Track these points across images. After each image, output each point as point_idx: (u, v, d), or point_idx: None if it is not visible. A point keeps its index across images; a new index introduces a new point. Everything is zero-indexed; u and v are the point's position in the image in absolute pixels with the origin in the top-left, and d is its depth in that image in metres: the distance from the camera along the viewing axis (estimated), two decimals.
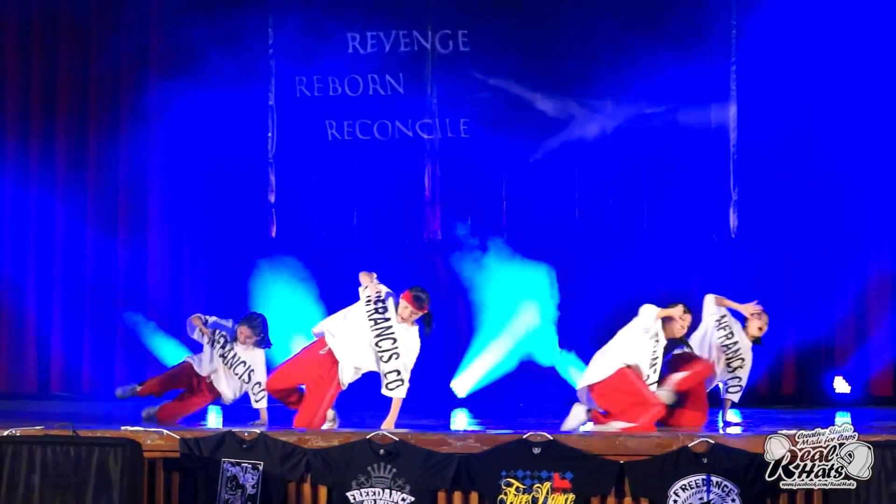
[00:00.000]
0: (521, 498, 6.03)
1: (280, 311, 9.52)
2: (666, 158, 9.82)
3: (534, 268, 9.64)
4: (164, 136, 10.04)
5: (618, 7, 9.83)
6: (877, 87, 9.64)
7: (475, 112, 9.95)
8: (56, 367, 10.02)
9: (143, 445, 6.07)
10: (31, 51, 10.22)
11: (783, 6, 9.50)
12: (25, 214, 10.08)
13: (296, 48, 10.05)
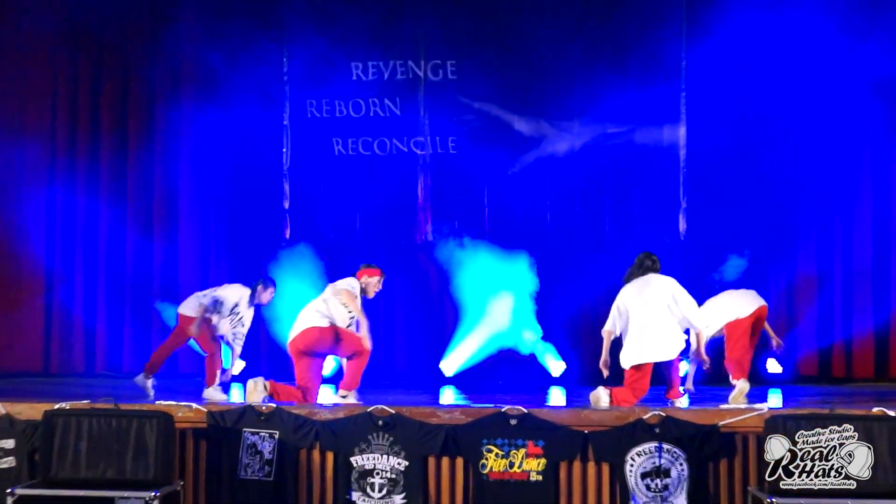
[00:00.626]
0: (500, 462, 6.05)
1: (292, 299, 9.57)
2: (625, 172, 9.81)
3: (511, 265, 9.65)
4: (193, 150, 10.01)
5: (585, 40, 9.82)
6: (806, 111, 9.65)
7: (461, 131, 9.94)
8: (100, 350, 10.01)
9: (175, 417, 6.06)
10: (79, 76, 10.19)
11: (726, 41, 9.48)
12: (73, 217, 10.06)
13: (307, 75, 10.03)
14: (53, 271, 10.01)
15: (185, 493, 6.19)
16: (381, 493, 6.09)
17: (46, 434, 5.79)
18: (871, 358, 9.64)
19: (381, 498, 6.09)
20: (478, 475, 6.06)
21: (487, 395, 7.90)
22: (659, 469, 5.96)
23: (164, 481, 5.75)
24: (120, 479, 5.68)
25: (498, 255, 9.69)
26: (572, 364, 9.70)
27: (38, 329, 9.96)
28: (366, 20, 9.96)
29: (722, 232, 9.56)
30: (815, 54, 9.51)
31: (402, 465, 6.09)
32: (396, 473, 6.10)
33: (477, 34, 9.93)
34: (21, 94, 10.12)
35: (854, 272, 9.71)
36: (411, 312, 9.93)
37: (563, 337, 9.76)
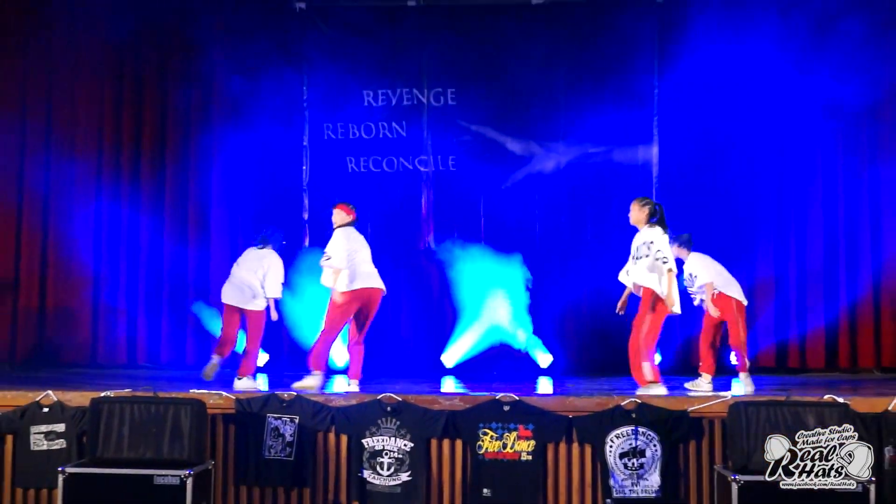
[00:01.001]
0: (495, 444, 6.05)
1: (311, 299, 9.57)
2: (604, 187, 9.76)
3: (504, 268, 9.63)
4: (223, 167, 9.97)
5: (569, 70, 9.79)
6: (764, 132, 9.64)
7: (460, 151, 9.91)
8: (141, 344, 9.96)
9: (207, 404, 6.08)
10: (122, 102, 10.16)
11: (693, 70, 9.47)
12: (118, 227, 10.01)
13: (324, 102, 10.01)
14: (100, 274, 9.96)
15: (216, 471, 6.19)
16: (390, 472, 6.08)
17: (93, 419, 5.80)
18: (822, 350, 9.63)
19: (389, 476, 6.08)
20: (475, 455, 6.07)
21: (483, 384, 7.90)
22: (635, 450, 5.96)
23: (197, 461, 5.76)
24: (158, 459, 5.69)
25: (492, 259, 9.67)
26: (559, 356, 9.68)
27: (87, 325, 9.93)
28: (375, 53, 9.93)
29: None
30: (772, 81, 9.51)
31: (408, 447, 6.09)
32: (403, 454, 6.10)
33: (474, 65, 9.90)
34: (73, 118, 10.09)
35: (807, 274, 9.70)
36: (415, 311, 9.91)
37: (550, 332, 9.74)
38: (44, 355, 9.84)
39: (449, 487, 6.13)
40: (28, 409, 6.25)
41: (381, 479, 6.08)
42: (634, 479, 5.93)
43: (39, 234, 9.97)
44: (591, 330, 9.78)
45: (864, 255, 9.61)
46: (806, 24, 9.43)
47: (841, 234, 9.67)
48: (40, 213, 9.97)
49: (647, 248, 6.88)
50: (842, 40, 9.27)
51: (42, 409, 6.24)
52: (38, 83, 10.04)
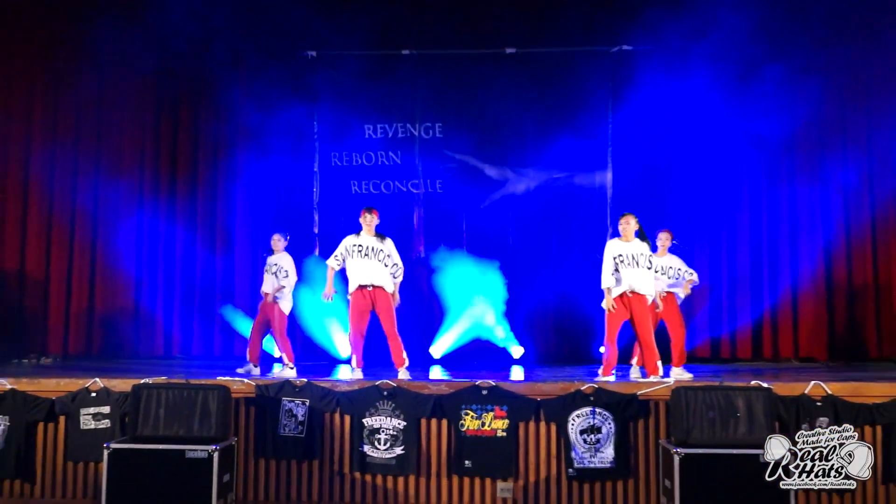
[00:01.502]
0: (475, 422, 6.04)
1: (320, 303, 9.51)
2: (567, 206, 9.78)
3: (483, 274, 9.63)
4: (246, 188, 9.93)
5: (537, 107, 9.78)
6: (699, 159, 9.67)
7: (446, 176, 9.90)
8: (176, 339, 9.89)
9: (231, 390, 6.07)
10: (160, 131, 10.10)
11: (641, 107, 9.52)
12: (156, 237, 9.94)
13: (331, 134, 9.98)
14: (141, 279, 9.90)
15: (238, 446, 6.16)
16: (386, 446, 6.05)
17: (134, 402, 5.78)
18: (749, 343, 9.65)
19: (385, 450, 6.05)
20: (458, 432, 6.06)
21: (465, 372, 7.88)
22: (593, 427, 5.95)
23: (222, 438, 5.73)
24: (189, 437, 5.66)
25: (473, 266, 9.67)
26: (529, 348, 9.67)
27: (129, 323, 9.84)
28: (375, 94, 9.91)
29: None
30: (706, 118, 9.54)
31: (402, 425, 6.07)
32: (397, 431, 6.07)
33: (458, 104, 9.89)
34: (118, 145, 10.01)
35: (736, 280, 9.73)
36: (408, 311, 9.80)
37: (522, 328, 9.74)
38: (92, 348, 9.77)
39: (436, 459, 6.12)
40: (78, 394, 6.21)
41: (378, 453, 6.05)
42: (592, 451, 5.93)
43: (89, 245, 9.88)
44: (556, 326, 9.79)
45: (784, 264, 9.66)
46: (735, 69, 9.51)
47: (764, 246, 9.72)
48: (90, 226, 9.89)
49: (646, 259, 6.81)
50: (764, 83, 9.37)
51: (90, 394, 6.20)
52: (89, 115, 9.98)
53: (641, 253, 6.84)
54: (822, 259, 9.54)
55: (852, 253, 9.51)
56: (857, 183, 9.47)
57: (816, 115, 9.29)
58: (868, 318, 9.42)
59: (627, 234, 6.88)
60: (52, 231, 9.83)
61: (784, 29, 9.40)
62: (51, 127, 9.91)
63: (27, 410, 6.18)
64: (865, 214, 9.49)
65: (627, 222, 6.89)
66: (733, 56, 9.45)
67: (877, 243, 9.48)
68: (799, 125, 9.37)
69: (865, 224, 9.48)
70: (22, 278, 9.74)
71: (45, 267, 9.80)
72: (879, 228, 9.46)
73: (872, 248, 9.48)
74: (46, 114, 9.94)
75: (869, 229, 9.47)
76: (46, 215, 9.83)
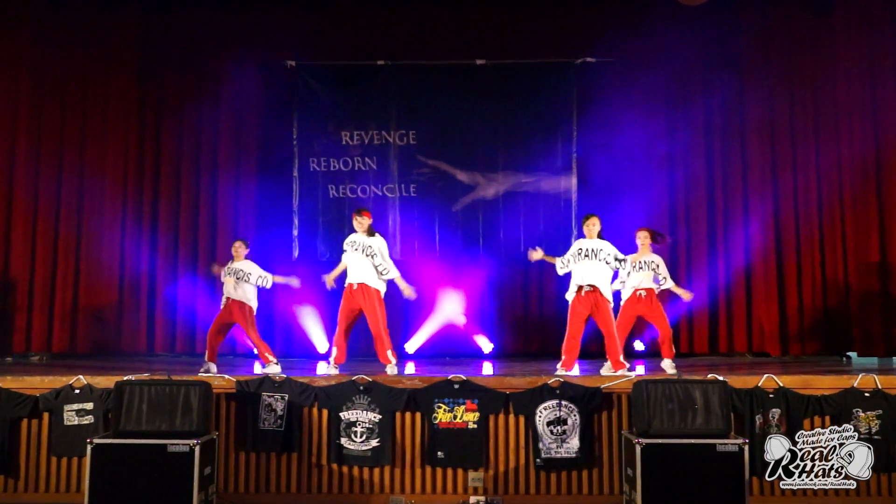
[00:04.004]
0: (447, 415, 6.03)
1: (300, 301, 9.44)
2: (534, 209, 9.75)
3: (455, 275, 9.60)
4: (228, 188, 9.82)
5: (506, 115, 9.74)
6: (658, 163, 9.74)
7: (420, 181, 9.82)
8: (158, 337, 9.72)
9: (213, 385, 5.98)
10: (144, 141, 9.91)
11: (603, 117, 9.56)
12: (139, 236, 9.70)
13: (310, 140, 9.86)
14: (124, 278, 9.72)
15: (219, 440, 6.07)
16: (362, 439, 6.00)
17: (117, 398, 5.67)
18: (706, 338, 9.69)
19: (361, 442, 6.00)
20: (431, 425, 6.03)
21: (438, 367, 7.83)
22: (559, 419, 5.95)
23: (203, 432, 5.64)
24: (171, 431, 5.57)
25: (445, 267, 9.62)
26: (498, 344, 9.65)
27: (113, 321, 9.64)
28: (352, 102, 9.85)
29: None
30: (661, 123, 9.69)
31: (377, 418, 6.03)
32: (373, 424, 6.03)
33: (431, 112, 9.82)
34: (102, 147, 9.78)
35: (694, 277, 9.75)
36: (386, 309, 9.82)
37: (491, 325, 9.71)
38: (77, 346, 9.57)
39: (410, 451, 6.08)
40: (62, 391, 6.08)
41: (355, 445, 6.00)
42: (559, 442, 5.92)
43: (74, 244, 9.66)
44: (524, 323, 9.79)
45: (739, 259, 9.66)
46: (691, 76, 9.69)
47: (720, 242, 9.71)
48: (75, 225, 9.67)
49: (605, 255, 6.86)
50: (709, 92, 9.56)
51: (74, 391, 6.08)
52: (74, 118, 9.77)
53: (601, 249, 6.84)
54: (774, 253, 9.55)
55: (801, 247, 9.55)
56: (804, 176, 9.55)
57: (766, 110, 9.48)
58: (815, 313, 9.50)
59: (591, 235, 6.90)
60: (36, 231, 9.60)
61: (728, 43, 9.61)
62: (35, 130, 9.68)
63: (11, 407, 6.04)
64: (812, 208, 9.55)
65: (593, 224, 6.93)
66: (688, 65, 9.59)
67: (823, 237, 9.53)
68: (748, 124, 9.55)
69: (812, 219, 9.54)
70: (6, 277, 9.51)
71: (30, 266, 9.57)
72: (826, 223, 9.51)
73: (819, 242, 9.53)
74: (31, 119, 9.71)
75: (816, 224, 9.52)
76: (31, 215, 9.60)
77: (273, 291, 9.40)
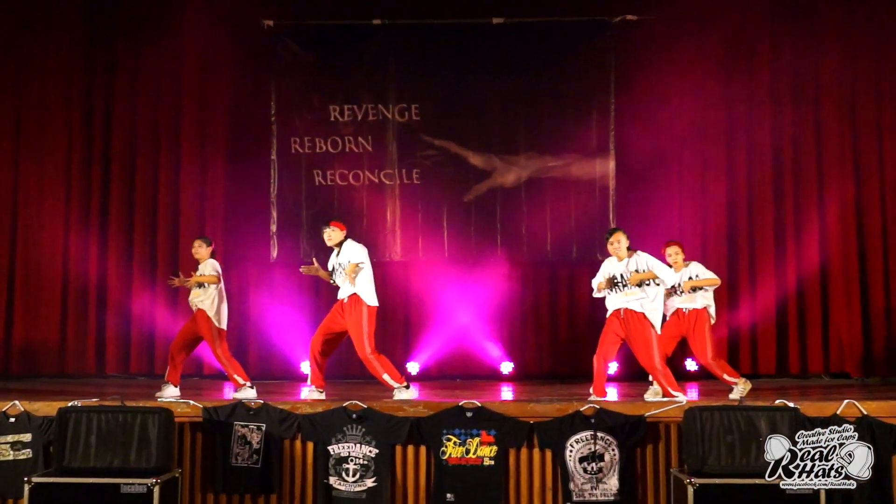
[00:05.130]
0: (458, 449, 6.03)
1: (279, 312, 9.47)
2: (563, 199, 9.74)
3: (467, 280, 9.63)
4: (191, 182, 9.86)
5: (529, 85, 9.77)
6: (715, 147, 9.72)
7: (424, 165, 9.85)
8: (110, 355, 9.76)
9: (175, 412, 5.99)
10: (92, 119, 9.97)
11: (648, 87, 9.54)
12: (87, 241, 9.78)
13: (291, 117, 9.90)
14: (69, 288, 9.77)
15: (183, 479, 6.08)
16: (355, 478, 6.02)
17: (60, 428, 5.68)
18: (773, 356, 9.65)
19: (354, 482, 6.01)
20: (438, 461, 6.02)
21: (447, 391, 7.84)
22: (594, 454, 5.93)
23: (164, 469, 5.66)
24: (125, 468, 5.58)
25: (455, 270, 9.63)
26: (520, 364, 9.64)
27: (55, 337, 9.69)
28: (341, 70, 9.88)
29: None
30: (718, 97, 9.62)
31: (373, 453, 6.04)
32: (368, 460, 6.03)
33: (437, 81, 9.86)
34: (39, 141, 9.87)
35: (756, 282, 9.71)
36: (380, 321, 9.77)
37: (510, 341, 9.70)
38: (11, 366, 9.62)
39: (413, 493, 6.07)
40: None
41: (346, 486, 6.00)
42: (594, 482, 5.91)
43: (7, 245, 9.73)
44: (552, 338, 9.77)
45: (812, 255, 9.60)
46: (741, 39, 9.68)
47: (790, 234, 9.63)
48: (8, 226, 9.75)
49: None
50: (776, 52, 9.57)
51: (8, 419, 6.10)
52: (5, 104, 9.87)
53: (633, 271, 6.84)
54: (856, 248, 9.52)
55: (889, 239, 9.51)
56: (893, 152, 9.53)
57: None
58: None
59: (619, 254, 6.91)
60: None
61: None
62: None
63: None
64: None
65: (617, 241, 6.92)
66: (750, 20, 9.59)
67: None
68: (825, 85, 9.54)
69: None
70: None
71: None
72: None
73: None
74: None
75: None
76: None
77: (247, 299, 9.43)
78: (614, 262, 6.93)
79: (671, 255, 7.49)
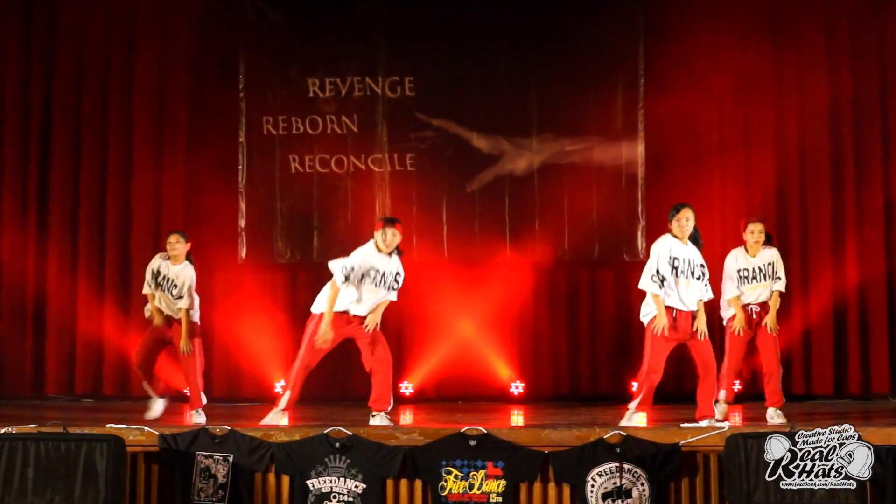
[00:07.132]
0: (459, 484, 6.05)
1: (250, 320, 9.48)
2: (583, 188, 9.78)
3: (470, 285, 9.65)
4: (147, 174, 9.90)
5: (542, 56, 9.83)
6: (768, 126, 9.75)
7: (420, 148, 9.88)
8: (51, 374, 9.79)
9: (126, 441, 6.01)
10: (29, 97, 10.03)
11: (682, 58, 9.58)
12: (23, 251, 9.86)
13: (263, 92, 9.94)
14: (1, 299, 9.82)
15: None
16: None
17: None
18: (830, 375, 9.66)
19: None
20: (437, 498, 6.07)
21: (446, 415, 7.87)
22: (620, 490, 5.96)
23: None
24: None
25: (456, 272, 9.66)
26: (533, 383, 9.65)
27: None
28: (323, 38, 9.93)
29: None
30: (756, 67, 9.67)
31: (360, 488, 6.07)
32: (354, 497, 6.08)
33: (435, 52, 9.91)
34: None
35: (810, 284, 9.72)
36: None
37: (521, 356, 9.71)
38: None
39: None
40: None
41: None
42: None
43: None
44: (569, 354, 9.78)
45: (877, 255, 9.61)
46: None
47: (850, 230, 9.65)
48: None
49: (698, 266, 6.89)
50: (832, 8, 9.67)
51: None
52: None
53: (699, 263, 6.83)
54: None
55: None
56: None
57: None
58: None
59: (683, 235, 6.81)
60: None
61: None
62: None
63: None
64: None
65: (686, 218, 6.81)
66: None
67: None
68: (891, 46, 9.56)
69: None
70: None
71: None
72: None
73: None
74: None
75: None
76: None
77: (211, 308, 9.44)
78: (676, 244, 6.77)
79: (753, 232, 7.39)
